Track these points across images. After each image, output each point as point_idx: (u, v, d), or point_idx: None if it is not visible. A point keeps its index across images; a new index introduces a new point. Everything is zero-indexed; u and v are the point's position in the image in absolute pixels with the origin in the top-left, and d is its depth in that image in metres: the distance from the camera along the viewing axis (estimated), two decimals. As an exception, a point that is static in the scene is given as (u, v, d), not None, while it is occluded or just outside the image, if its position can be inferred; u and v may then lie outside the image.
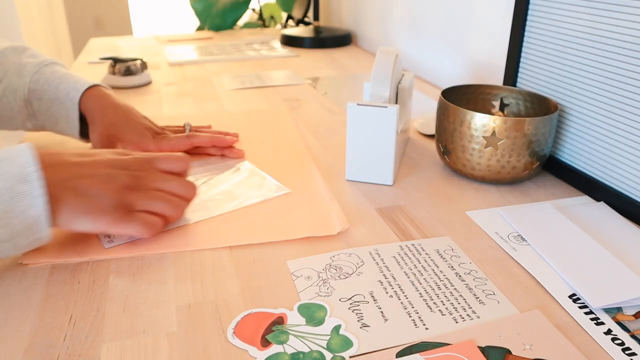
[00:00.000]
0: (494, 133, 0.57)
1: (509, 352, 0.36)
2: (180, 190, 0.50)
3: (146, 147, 0.63)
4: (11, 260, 0.47)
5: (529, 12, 0.66)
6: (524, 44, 0.68)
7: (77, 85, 0.64)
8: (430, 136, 0.77)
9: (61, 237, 0.49)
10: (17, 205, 0.40)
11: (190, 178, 0.59)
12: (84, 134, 0.66)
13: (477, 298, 0.42)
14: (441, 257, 0.47)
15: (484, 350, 0.36)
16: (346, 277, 0.44)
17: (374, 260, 0.47)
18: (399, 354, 0.36)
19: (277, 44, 1.42)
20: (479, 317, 0.40)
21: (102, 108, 0.64)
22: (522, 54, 0.69)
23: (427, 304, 0.41)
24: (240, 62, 1.23)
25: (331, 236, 0.50)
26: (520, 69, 0.69)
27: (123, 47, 1.39)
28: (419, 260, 0.47)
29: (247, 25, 1.95)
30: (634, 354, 0.36)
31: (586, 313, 0.40)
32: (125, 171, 0.47)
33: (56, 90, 0.64)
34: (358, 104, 0.58)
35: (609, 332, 0.38)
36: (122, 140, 0.62)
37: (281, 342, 0.37)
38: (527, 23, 0.67)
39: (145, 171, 0.49)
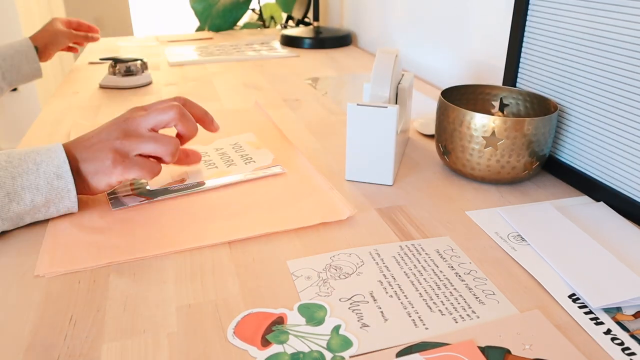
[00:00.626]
0: (493, 133, 0.57)
1: (508, 352, 0.36)
2: (166, 116, 0.54)
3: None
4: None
5: (529, 12, 0.66)
6: (524, 44, 0.68)
7: (22, 39, 1.05)
8: (430, 136, 0.77)
9: (72, 246, 0.49)
10: (55, 197, 0.50)
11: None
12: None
13: (477, 298, 0.42)
14: (441, 257, 0.47)
15: (483, 350, 0.36)
16: (346, 277, 0.44)
17: (374, 260, 0.47)
18: (398, 354, 0.36)
19: (277, 44, 1.42)
20: (478, 317, 0.40)
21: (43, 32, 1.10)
22: (522, 54, 0.69)
23: (427, 304, 0.41)
24: (240, 62, 1.23)
25: (331, 236, 0.50)
26: (519, 69, 0.69)
27: (123, 48, 1.39)
28: (418, 260, 0.47)
29: (247, 25, 1.95)
30: (633, 353, 0.36)
31: (586, 313, 0.40)
32: (118, 125, 0.53)
33: (11, 47, 1.02)
34: (358, 104, 0.58)
35: (608, 332, 0.38)
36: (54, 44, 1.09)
37: (281, 342, 0.37)
38: (527, 23, 0.67)
39: (136, 117, 0.54)
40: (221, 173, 0.62)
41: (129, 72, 1.00)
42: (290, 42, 1.41)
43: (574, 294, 0.42)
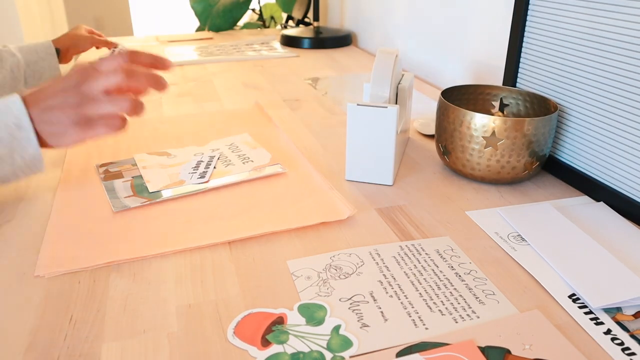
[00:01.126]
0: (493, 133, 0.57)
1: (508, 352, 0.36)
2: (118, 76, 0.54)
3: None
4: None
5: (529, 12, 0.66)
6: (524, 44, 0.68)
7: (44, 41, 1.06)
8: (430, 136, 0.77)
9: (72, 246, 0.49)
10: (17, 147, 0.52)
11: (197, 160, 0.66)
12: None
13: (476, 298, 0.42)
14: (441, 257, 0.47)
15: (483, 350, 0.36)
16: (346, 277, 0.44)
17: (374, 260, 0.47)
18: (399, 354, 0.36)
19: (277, 44, 1.42)
20: (478, 317, 0.40)
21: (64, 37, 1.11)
22: (522, 54, 0.69)
23: (427, 304, 0.41)
24: (240, 62, 1.23)
25: (331, 236, 0.50)
26: (519, 69, 0.69)
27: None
28: (418, 260, 0.47)
29: (247, 25, 1.95)
30: (633, 353, 0.36)
31: (586, 313, 0.40)
32: (74, 89, 0.54)
33: (35, 52, 1.03)
34: (358, 104, 0.58)
35: (608, 332, 0.38)
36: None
37: (281, 342, 0.37)
38: (527, 23, 0.67)
39: (89, 79, 0.54)
40: (221, 173, 0.62)
41: (129, 72, 1.00)
42: (290, 42, 1.41)
43: (574, 294, 0.42)
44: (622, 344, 0.37)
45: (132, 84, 0.56)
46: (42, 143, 0.53)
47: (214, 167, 0.64)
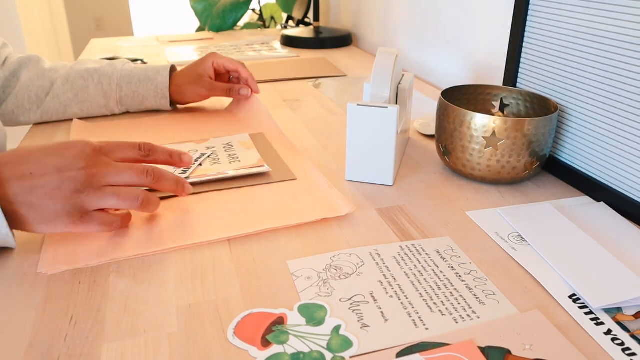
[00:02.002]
0: (494, 133, 0.57)
1: (509, 352, 0.36)
2: (134, 180, 0.48)
3: (217, 65, 0.83)
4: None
5: (529, 12, 0.66)
6: (524, 44, 0.68)
7: (160, 67, 0.84)
8: (431, 136, 0.77)
9: (75, 242, 0.49)
10: None
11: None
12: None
13: (477, 298, 0.42)
14: (441, 257, 0.47)
15: (484, 350, 0.36)
16: (346, 277, 0.44)
17: (374, 260, 0.47)
18: (399, 354, 0.36)
19: (277, 44, 1.42)
20: (479, 317, 0.40)
21: (178, 75, 0.84)
22: (522, 54, 0.69)
23: (427, 304, 0.41)
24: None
25: (331, 236, 0.50)
26: (520, 69, 0.69)
27: (124, 48, 1.39)
28: (419, 261, 0.47)
29: (248, 25, 1.95)
30: (633, 354, 0.36)
31: (586, 313, 0.40)
32: (76, 172, 0.45)
33: (144, 74, 0.82)
34: (358, 104, 0.58)
35: (609, 332, 0.38)
36: (202, 74, 0.82)
37: (281, 342, 0.37)
38: (527, 23, 0.67)
39: (97, 166, 0.47)
40: (204, 171, 0.62)
41: (129, 72, 1.00)
42: (290, 42, 1.41)
43: (574, 294, 0.42)
44: (622, 344, 0.37)
45: (153, 186, 0.50)
46: (16, 223, 0.44)
47: (200, 165, 0.64)
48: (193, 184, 0.59)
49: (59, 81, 0.79)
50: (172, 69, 0.85)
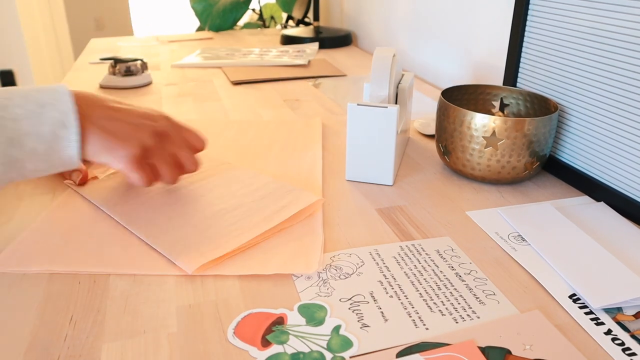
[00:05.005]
0: (494, 133, 0.57)
1: (509, 352, 0.36)
2: (187, 161, 0.56)
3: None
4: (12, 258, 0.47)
5: (529, 12, 0.66)
6: (524, 44, 0.68)
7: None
8: (430, 136, 0.77)
9: (82, 247, 0.49)
10: (57, 146, 0.46)
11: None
12: None
13: (477, 298, 0.42)
14: (441, 257, 0.47)
15: (484, 350, 0.36)
16: (346, 277, 0.44)
17: (374, 260, 0.47)
18: (399, 354, 0.36)
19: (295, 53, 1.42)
20: (479, 317, 0.40)
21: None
22: (522, 54, 0.69)
23: (427, 304, 0.41)
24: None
25: (331, 236, 0.50)
26: (520, 69, 0.69)
27: (123, 48, 1.39)
28: (419, 261, 0.47)
29: (247, 25, 1.95)
30: (634, 354, 0.36)
31: (586, 313, 0.40)
32: (155, 124, 0.53)
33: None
34: (358, 104, 0.58)
35: (609, 332, 0.38)
36: None
37: (281, 342, 0.37)
38: (527, 23, 0.67)
39: (169, 133, 0.54)
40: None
41: (129, 73, 1.00)
42: (290, 42, 1.41)
43: (574, 294, 0.42)
44: (622, 344, 0.37)
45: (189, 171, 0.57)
46: (84, 150, 0.48)
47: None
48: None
49: None
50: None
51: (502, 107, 0.69)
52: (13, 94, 0.46)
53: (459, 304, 0.41)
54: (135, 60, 1.01)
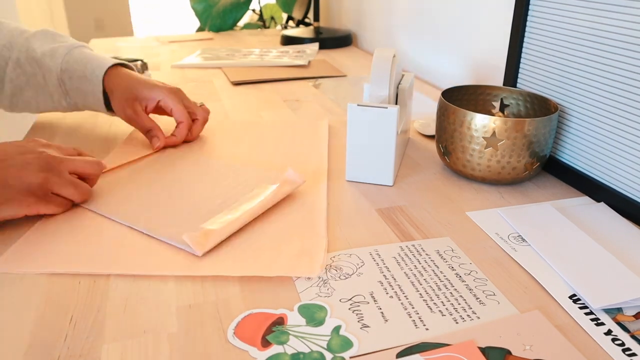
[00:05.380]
0: (494, 134, 0.57)
1: (509, 352, 0.36)
2: (87, 168, 0.55)
3: (165, 104, 0.70)
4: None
5: (529, 12, 0.66)
6: (524, 44, 0.68)
7: (101, 63, 0.71)
8: (431, 137, 0.77)
9: (54, 247, 0.49)
10: None
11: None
12: (111, 107, 0.72)
13: (477, 298, 0.42)
14: (441, 257, 0.47)
15: (484, 350, 0.36)
16: (346, 278, 0.44)
17: (374, 260, 0.47)
18: (399, 355, 0.36)
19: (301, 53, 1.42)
20: (479, 317, 0.40)
21: (120, 81, 0.71)
22: (522, 55, 0.69)
23: (427, 304, 0.41)
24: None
25: (331, 236, 0.50)
26: (520, 70, 0.69)
27: (124, 48, 1.39)
28: (419, 261, 0.47)
29: (248, 26, 1.95)
30: (634, 354, 0.36)
31: (586, 314, 0.40)
32: (38, 154, 0.51)
33: (84, 68, 0.70)
34: (358, 105, 0.58)
35: (609, 332, 0.38)
36: (139, 99, 0.70)
37: (281, 343, 0.37)
38: (527, 23, 0.67)
39: (51, 155, 0.52)
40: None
41: (129, 73, 1.00)
42: (290, 42, 1.41)
43: (574, 295, 0.42)
44: (622, 344, 0.37)
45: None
46: None
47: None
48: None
49: (10, 65, 0.71)
50: (111, 69, 0.71)
51: (502, 107, 0.69)
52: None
53: (459, 304, 0.41)
54: (136, 60, 1.01)
